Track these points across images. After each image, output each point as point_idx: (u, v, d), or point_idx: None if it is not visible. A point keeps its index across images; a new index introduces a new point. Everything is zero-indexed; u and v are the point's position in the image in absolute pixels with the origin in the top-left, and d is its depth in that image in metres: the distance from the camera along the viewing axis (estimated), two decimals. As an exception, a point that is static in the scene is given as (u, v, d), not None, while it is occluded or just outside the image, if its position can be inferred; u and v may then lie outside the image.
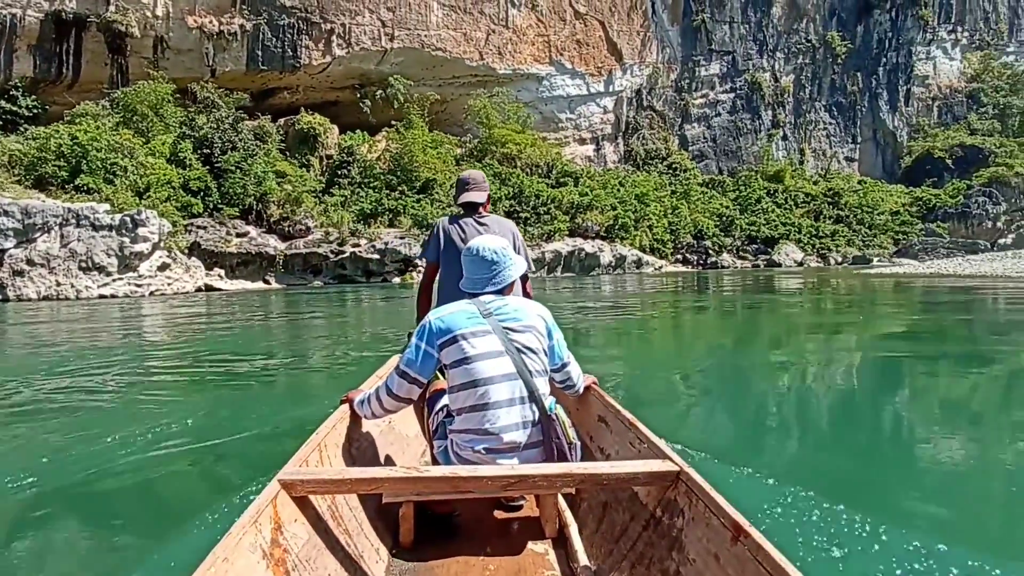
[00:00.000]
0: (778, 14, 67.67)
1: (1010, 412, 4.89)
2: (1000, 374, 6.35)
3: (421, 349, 1.99)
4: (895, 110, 72.58)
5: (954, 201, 60.65)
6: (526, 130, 49.37)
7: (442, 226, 3.07)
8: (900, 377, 6.35)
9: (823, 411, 4.97)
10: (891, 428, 4.45)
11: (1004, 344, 8.51)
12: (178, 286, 22.87)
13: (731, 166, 64.09)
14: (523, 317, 2.04)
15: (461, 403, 1.96)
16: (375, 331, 11.97)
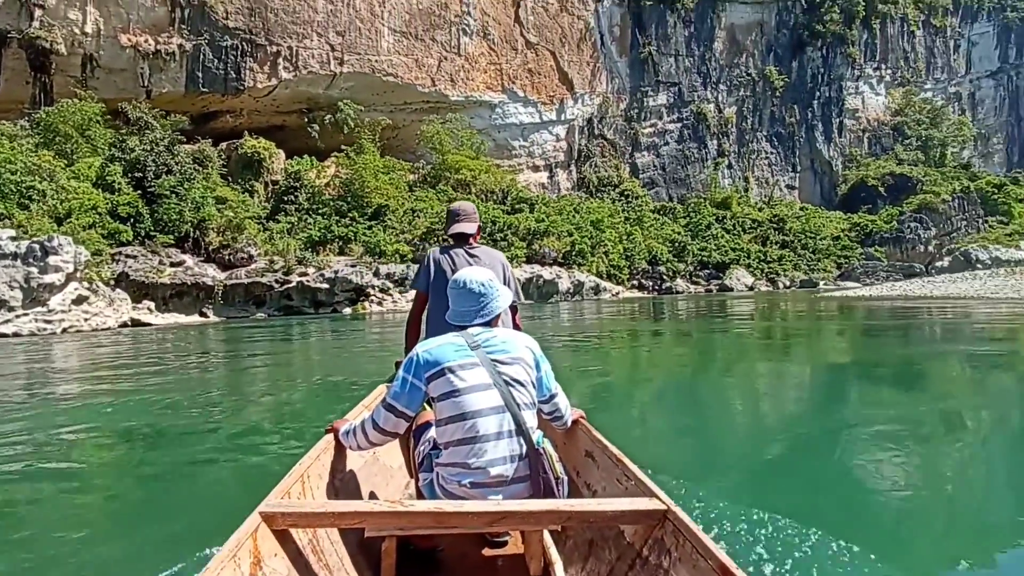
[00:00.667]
0: (720, 48, 69.35)
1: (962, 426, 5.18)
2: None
3: (408, 382, 1.96)
4: (830, 141, 75.15)
5: (888, 226, 62.64)
6: (480, 156, 48.17)
7: (433, 256, 3.05)
8: (870, 400, 6.28)
9: (796, 438, 4.86)
10: (873, 455, 4.25)
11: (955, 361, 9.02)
12: (98, 321, 20.07)
13: (680, 193, 64.53)
14: (511, 349, 2.01)
15: (448, 437, 1.91)
16: (326, 374, 9.99)
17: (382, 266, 31.74)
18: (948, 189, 66.34)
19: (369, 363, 11.44)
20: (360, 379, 8.53)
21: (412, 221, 37.02)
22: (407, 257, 33.60)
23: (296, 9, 43.40)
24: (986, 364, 8.70)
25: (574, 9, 59.37)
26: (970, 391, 6.87)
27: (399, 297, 30.84)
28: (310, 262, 30.76)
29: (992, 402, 6.20)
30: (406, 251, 33.90)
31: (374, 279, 30.53)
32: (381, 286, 30.50)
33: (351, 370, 10.51)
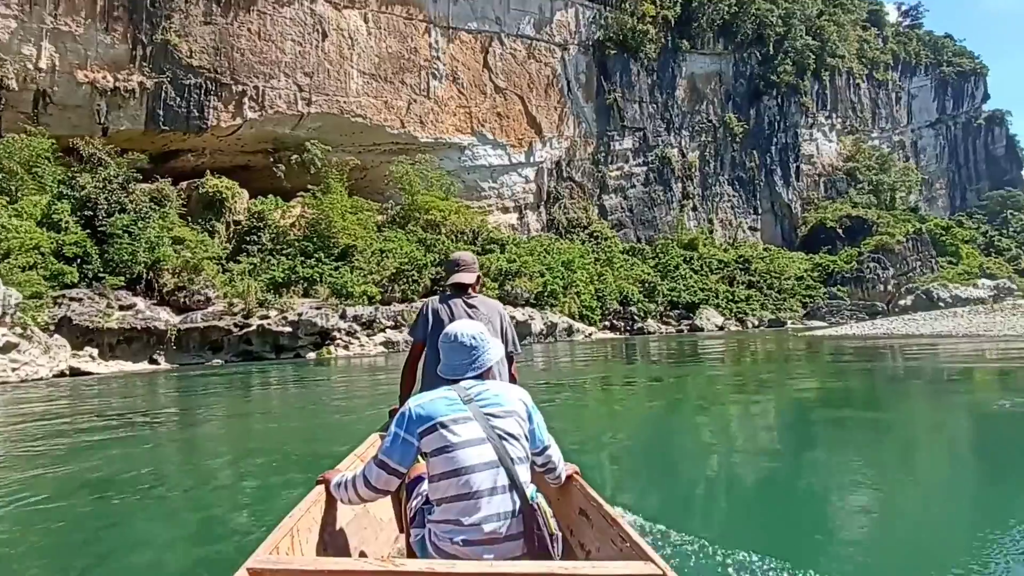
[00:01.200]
0: (681, 96, 71.01)
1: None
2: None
3: (400, 437, 1.93)
4: (788, 185, 77.02)
5: (849, 266, 63.73)
6: (450, 197, 47.32)
7: (431, 306, 3.03)
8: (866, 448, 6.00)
9: (781, 487, 4.68)
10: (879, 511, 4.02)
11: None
12: (28, 371, 17.85)
13: (648, 235, 64.73)
14: (504, 402, 1.99)
15: (442, 493, 1.88)
16: (295, 443, 8.38)
17: (349, 308, 30.07)
18: (902, 231, 68.26)
19: (333, 420, 9.90)
20: (322, 447, 7.03)
21: (380, 262, 35.58)
22: (375, 299, 32.04)
23: (263, 49, 42.51)
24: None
25: (541, 57, 60.11)
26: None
27: (367, 341, 29.15)
28: (272, 304, 28.90)
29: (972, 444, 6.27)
30: (374, 292, 32.35)
31: (340, 322, 28.82)
32: (348, 329, 28.79)
33: (311, 430, 8.97)
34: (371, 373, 19.21)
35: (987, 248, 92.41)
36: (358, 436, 3.51)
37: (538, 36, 59.62)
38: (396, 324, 31.03)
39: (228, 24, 41.15)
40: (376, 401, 11.87)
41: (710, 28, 71.45)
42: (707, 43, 72.29)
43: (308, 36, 44.64)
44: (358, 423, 8.88)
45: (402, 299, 33.49)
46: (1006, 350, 16.55)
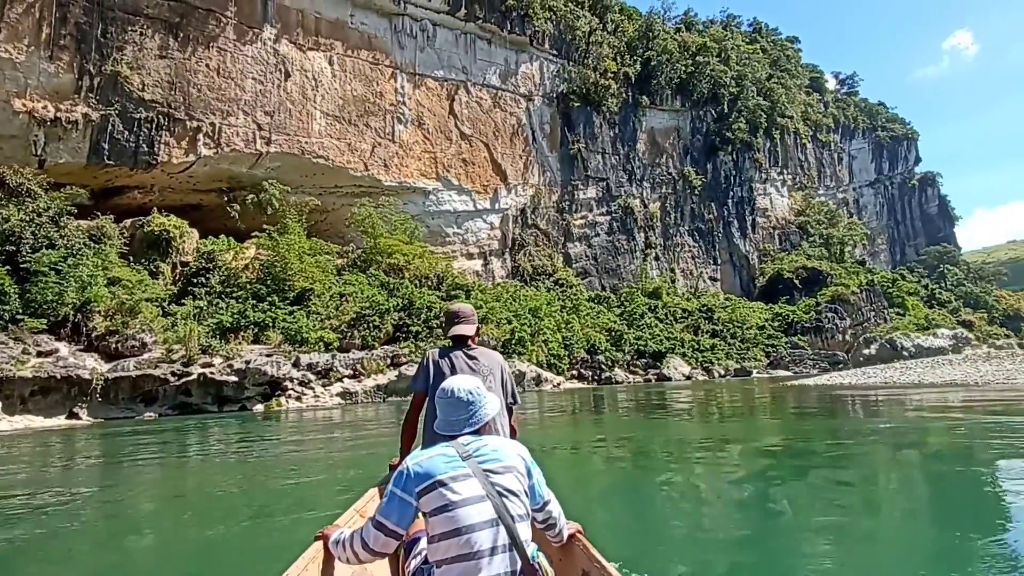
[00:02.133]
0: (642, 149, 72.01)
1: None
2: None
3: (397, 497, 1.87)
4: (745, 236, 78.23)
5: (808, 316, 64.11)
6: (414, 241, 45.40)
7: (432, 358, 3.00)
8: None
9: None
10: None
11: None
12: (-94, 429, 14.69)
13: (613, 283, 63.97)
14: (503, 457, 1.94)
15: (442, 554, 1.80)
16: (237, 519, 6.09)
17: (303, 355, 27.33)
18: (856, 282, 69.58)
19: (284, 487, 7.59)
20: (272, 528, 4.95)
21: (339, 306, 33.09)
22: (333, 345, 29.39)
23: (222, 86, 40.56)
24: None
25: (506, 106, 60.00)
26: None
27: (322, 391, 26.39)
28: (217, 351, 25.95)
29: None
30: (331, 339, 29.72)
31: (293, 370, 26.04)
32: (301, 378, 26.01)
33: (259, 501, 6.67)
34: (326, 428, 16.73)
35: (929, 300, 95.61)
36: (315, 505, 3.50)
37: (503, 87, 59.65)
38: (355, 373, 28.40)
39: (186, 59, 39.14)
40: (334, 464, 9.62)
41: (668, 86, 73.35)
42: (666, 100, 74.07)
43: (270, 75, 42.99)
44: (315, 491, 7.42)
45: (362, 346, 30.94)
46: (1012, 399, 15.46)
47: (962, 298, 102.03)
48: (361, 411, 22.93)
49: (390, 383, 28.92)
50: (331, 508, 5.19)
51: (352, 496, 4.18)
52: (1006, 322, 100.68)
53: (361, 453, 10.67)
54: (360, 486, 4.72)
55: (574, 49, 65.54)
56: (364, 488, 3.17)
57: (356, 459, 10.32)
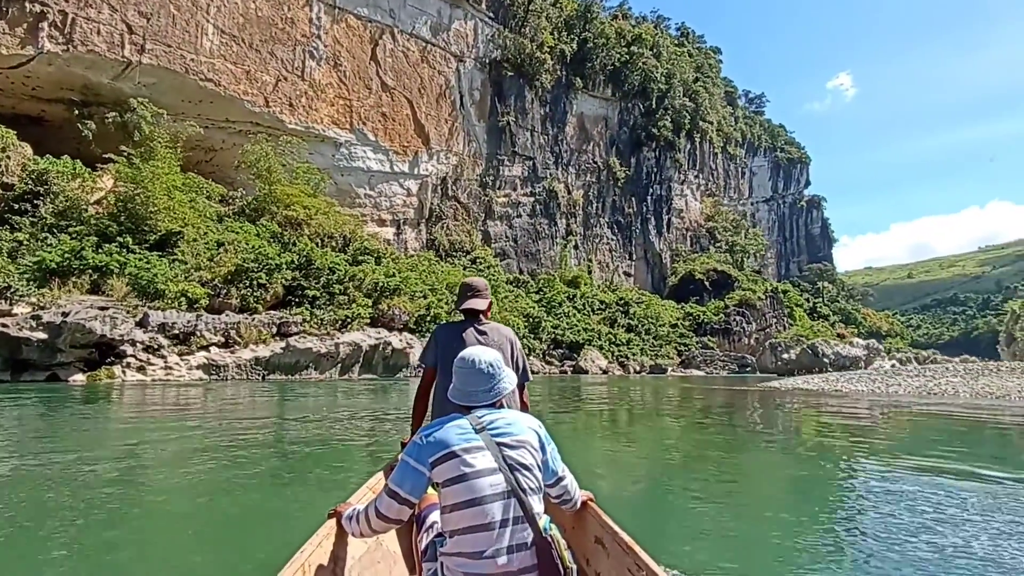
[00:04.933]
0: (571, 133, 68.27)
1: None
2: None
3: (411, 466, 1.84)
4: (660, 235, 77.03)
5: (717, 318, 63.42)
6: (318, 195, 38.19)
7: (442, 331, 2.89)
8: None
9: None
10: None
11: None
12: None
13: (531, 268, 59.72)
14: (517, 431, 1.89)
15: (454, 524, 1.77)
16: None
17: (154, 312, 20.09)
18: (762, 288, 70.13)
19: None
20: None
21: (215, 257, 25.77)
22: (199, 303, 22.24)
23: (81, -33, 31.30)
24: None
25: (435, 63, 53.61)
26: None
27: (177, 362, 19.41)
28: (25, 297, 18.21)
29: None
30: (198, 294, 22.50)
31: (136, 331, 18.84)
32: (148, 342, 18.87)
33: None
34: (181, 415, 10.44)
35: (812, 313, 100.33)
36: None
37: (434, 41, 53.16)
38: (227, 341, 21.55)
39: (31, -77, 29.62)
40: (195, 488, 3.92)
41: (602, 71, 70.05)
42: (598, 86, 70.72)
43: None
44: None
45: (241, 307, 23.99)
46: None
47: (837, 313, 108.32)
48: (232, 392, 16.53)
49: (274, 357, 22.38)
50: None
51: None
52: (870, 338, 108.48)
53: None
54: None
55: (512, 16, 60.17)
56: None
57: (214, 488, 4.71)
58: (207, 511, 4.38)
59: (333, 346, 24.51)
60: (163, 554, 3.50)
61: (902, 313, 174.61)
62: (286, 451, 7.04)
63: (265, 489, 4.85)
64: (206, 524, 4.08)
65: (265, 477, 5.35)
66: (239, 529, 3.91)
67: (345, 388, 19.07)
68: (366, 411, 12.03)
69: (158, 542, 3.73)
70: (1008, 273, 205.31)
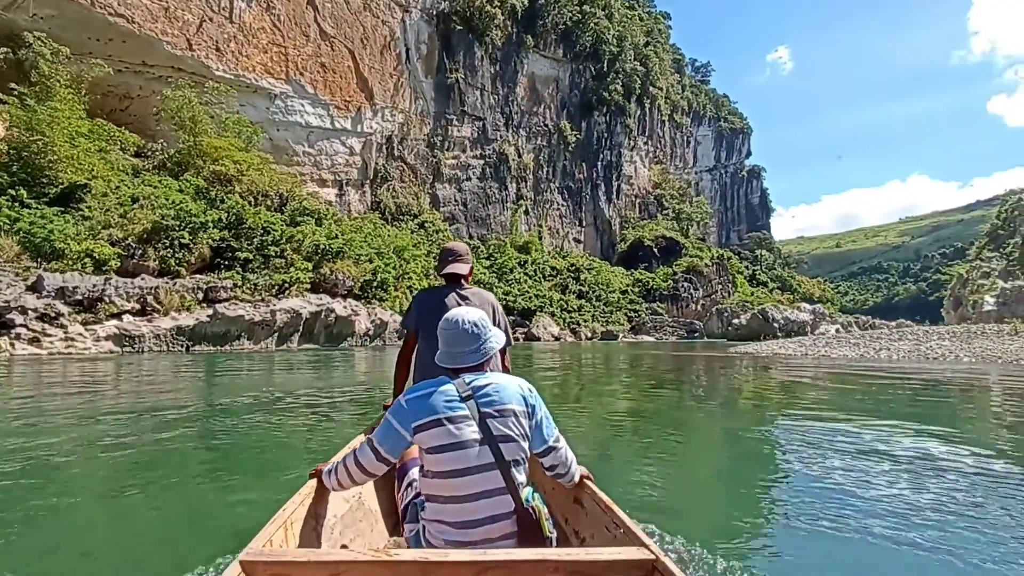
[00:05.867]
0: (522, 94, 65.85)
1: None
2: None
3: (394, 428, 1.82)
4: (610, 201, 76.32)
5: (665, 284, 63.57)
6: (251, 150, 34.78)
7: (422, 296, 2.84)
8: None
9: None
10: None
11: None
12: None
13: (481, 232, 57.76)
14: (505, 399, 1.84)
15: (435, 491, 1.79)
16: None
17: (51, 275, 17.13)
18: (709, 255, 70.75)
19: None
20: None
21: (128, 213, 22.60)
22: (107, 265, 19.32)
23: None
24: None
25: (379, 12, 49.86)
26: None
27: (81, 332, 16.65)
28: None
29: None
30: (107, 255, 19.52)
31: (28, 296, 15.92)
32: (43, 310, 16.02)
33: None
34: (86, 395, 8.18)
35: (751, 280, 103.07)
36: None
37: (378, -12, 49.34)
38: (143, 308, 18.83)
39: None
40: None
41: (553, 31, 67.53)
42: (549, 46, 68.23)
43: None
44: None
45: (160, 270, 21.16)
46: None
47: (775, 281, 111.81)
48: (150, 365, 14.18)
49: (200, 326, 19.83)
50: None
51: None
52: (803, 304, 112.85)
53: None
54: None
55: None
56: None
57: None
58: (122, 514, 3.42)
59: (269, 313, 22.08)
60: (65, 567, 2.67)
61: (831, 280, 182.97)
62: (214, 433, 5.64)
63: (191, 486, 3.92)
64: (121, 529, 3.19)
65: (191, 470, 4.34)
66: (158, 537, 3.05)
67: (284, 360, 16.94)
68: (309, 388, 10.14)
69: (64, 552, 2.82)
70: (925, 243, 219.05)
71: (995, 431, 6.32)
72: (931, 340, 19.80)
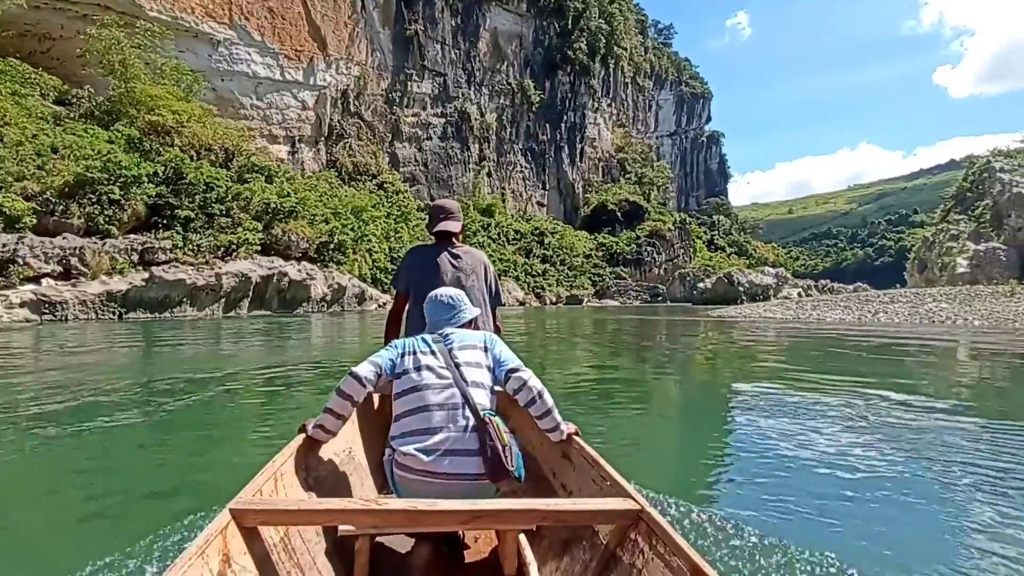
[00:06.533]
0: (484, 50, 63.04)
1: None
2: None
3: (372, 360, 1.94)
4: (574, 164, 74.88)
5: (629, 249, 63.11)
6: (192, 100, 31.79)
7: (414, 256, 2.73)
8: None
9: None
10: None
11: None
12: None
13: (443, 195, 55.54)
14: (467, 339, 2.02)
15: (401, 408, 1.88)
16: None
17: (-50, 233, 14.82)
18: (672, 220, 70.53)
19: None
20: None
21: (46, 164, 19.96)
22: (21, 222, 16.93)
23: None
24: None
25: (332, -46, 46.17)
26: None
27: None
28: None
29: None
30: (19, 210, 17.06)
31: (-79, 258, 13.69)
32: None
33: None
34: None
35: (710, 245, 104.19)
36: None
37: (329, -73, 45.50)
38: (66, 271, 16.65)
39: None
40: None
41: (517, -17, 64.56)
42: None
43: None
44: None
45: (87, 230, 18.84)
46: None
47: (732, 246, 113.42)
48: (75, 336, 12.38)
49: (134, 291, 17.78)
50: None
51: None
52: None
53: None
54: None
55: (419, -93, 52.89)
56: None
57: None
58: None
59: (213, 277, 20.09)
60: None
61: (784, 246, 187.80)
62: (151, 414, 4.61)
63: (121, 476, 3.18)
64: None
65: (123, 460, 3.53)
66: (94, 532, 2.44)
67: (232, 328, 15.23)
68: (260, 361, 8.65)
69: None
70: (871, 210, 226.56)
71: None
72: (927, 303, 19.50)
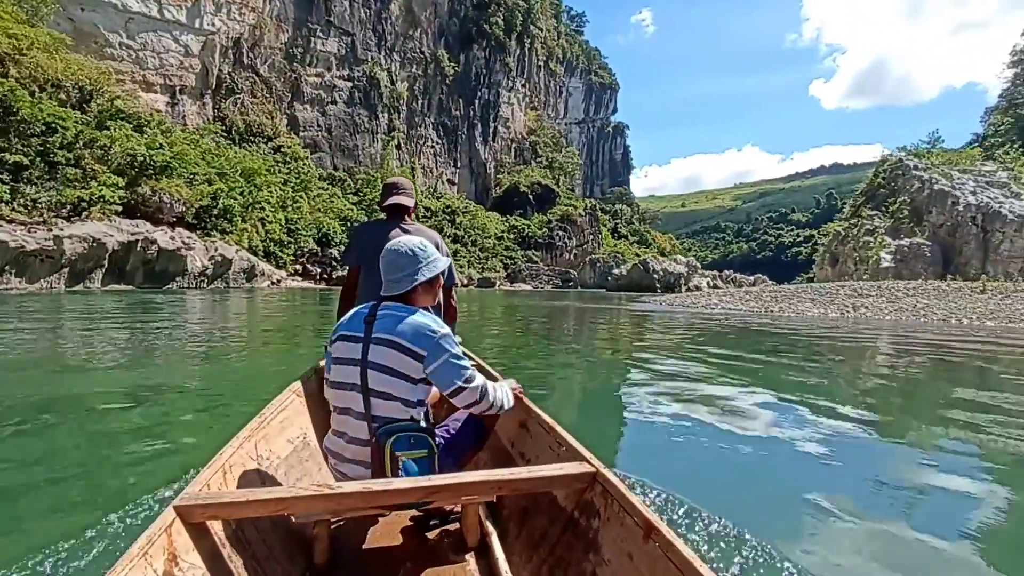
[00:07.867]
0: (396, 13, 58.75)
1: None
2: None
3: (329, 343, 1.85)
4: (487, 143, 72.55)
5: (541, 232, 62.03)
6: (38, 26, 25.88)
7: (362, 229, 2.67)
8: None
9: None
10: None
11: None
12: None
13: (347, 164, 51.31)
14: (395, 330, 1.70)
15: (330, 400, 1.81)
16: None
17: None
18: (583, 205, 70.28)
19: None
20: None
21: None
22: None
23: None
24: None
25: None
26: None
27: None
28: None
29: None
30: None
31: None
32: None
33: None
34: None
35: (614, 232, 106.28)
36: None
37: None
38: None
39: None
40: None
41: (434, -54, 60.58)
42: (428, -38, 61.23)
43: None
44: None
45: None
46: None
47: (634, 235, 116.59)
48: None
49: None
50: None
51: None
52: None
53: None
54: None
55: None
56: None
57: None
58: None
59: (51, 240, 15.81)
60: None
61: (676, 237, 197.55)
62: None
63: None
64: None
65: None
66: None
67: (76, 307, 11.61)
68: (102, 352, 5.71)
69: None
70: (754, 207, 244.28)
71: None
72: (907, 297, 19.39)
